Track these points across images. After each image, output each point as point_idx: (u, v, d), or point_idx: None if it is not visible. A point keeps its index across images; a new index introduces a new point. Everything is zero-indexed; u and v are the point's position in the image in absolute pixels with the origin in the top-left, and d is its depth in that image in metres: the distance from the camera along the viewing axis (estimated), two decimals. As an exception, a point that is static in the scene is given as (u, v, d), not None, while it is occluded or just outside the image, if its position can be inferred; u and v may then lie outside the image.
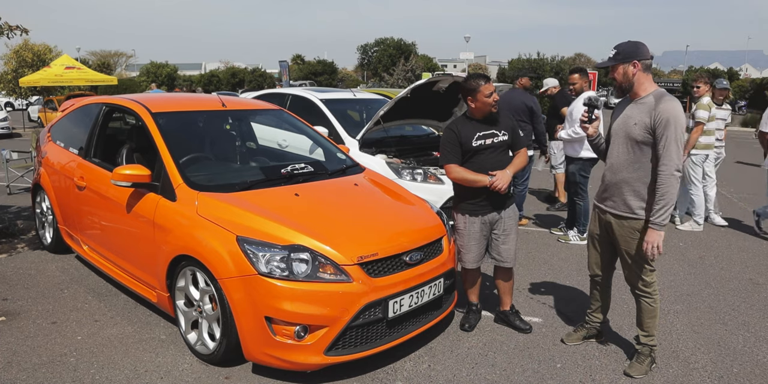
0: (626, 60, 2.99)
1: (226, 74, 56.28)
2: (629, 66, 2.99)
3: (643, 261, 3.10)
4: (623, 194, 3.08)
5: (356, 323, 2.96)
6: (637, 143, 3.00)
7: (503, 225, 3.60)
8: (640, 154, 3.01)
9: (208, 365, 3.21)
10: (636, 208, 3.04)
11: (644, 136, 2.96)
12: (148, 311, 3.94)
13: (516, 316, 3.79)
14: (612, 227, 3.18)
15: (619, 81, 3.05)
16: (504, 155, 3.59)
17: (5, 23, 5.52)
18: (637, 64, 2.99)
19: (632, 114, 3.03)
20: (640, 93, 3.03)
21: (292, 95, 7.15)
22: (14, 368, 3.16)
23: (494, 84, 7.23)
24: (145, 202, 3.61)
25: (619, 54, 3.01)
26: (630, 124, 3.02)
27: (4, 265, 4.89)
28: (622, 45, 3.05)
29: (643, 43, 3.04)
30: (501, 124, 3.58)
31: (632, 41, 3.05)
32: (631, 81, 3.02)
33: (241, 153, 4.76)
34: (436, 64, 60.83)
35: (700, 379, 3.17)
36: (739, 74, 48.48)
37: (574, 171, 5.78)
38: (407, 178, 5.62)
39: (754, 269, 5.14)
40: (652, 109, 2.93)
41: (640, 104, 3.02)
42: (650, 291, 3.15)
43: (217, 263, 3.00)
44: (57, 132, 5.19)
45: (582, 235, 5.85)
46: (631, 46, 3.01)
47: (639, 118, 2.98)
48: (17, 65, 21.80)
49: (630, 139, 3.02)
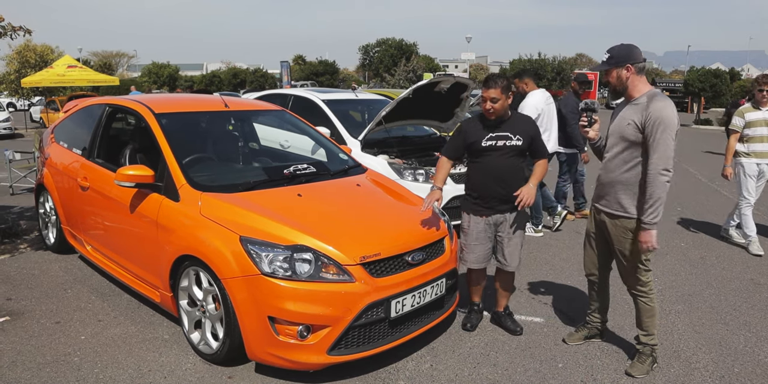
0: (619, 64, 3.05)
1: (227, 75, 56.29)
2: (623, 70, 3.04)
3: (637, 261, 3.12)
4: (616, 193, 3.11)
5: (359, 323, 2.97)
6: (630, 143, 3.03)
7: (507, 228, 3.59)
8: (632, 153, 3.04)
9: (211, 365, 3.23)
10: (628, 207, 3.07)
11: (636, 135, 3.00)
12: (151, 311, 3.96)
13: (509, 318, 3.79)
14: (606, 226, 3.21)
15: (614, 84, 3.12)
16: (515, 160, 3.52)
17: (8, 24, 5.54)
18: (630, 68, 3.04)
19: (626, 115, 3.08)
20: (635, 94, 3.08)
21: (294, 96, 7.16)
22: (19, 367, 3.18)
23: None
24: (149, 203, 3.63)
25: (612, 58, 3.07)
26: (623, 124, 3.07)
27: (8, 266, 4.91)
28: (615, 49, 3.10)
29: (636, 46, 3.11)
30: (517, 129, 3.50)
31: (625, 45, 3.11)
32: (624, 84, 3.08)
33: (244, 153, 4.78)
34: (437, 65, 60.80)
35: (701, 379, 3.18)
36: (741, 74, 48.40)
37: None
38: (409, 178, 5.63)
39: (756, 269, 5.15)
40: (644, 108, 2.98)
41: (634, 105, 3.06)
42: (646, 290, 3.17)
43: (220, 263, 3.02)
44: (60, 132, 5.21)
45: (537, 228, 6.20)
46: (624, 50, 3.06)
47: (632, 118, 3.02)
48: (19, 66, 21.86)
49: (623, 139, 3.06)
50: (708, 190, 9.19)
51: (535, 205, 6.11)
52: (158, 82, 50.07)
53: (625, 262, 3.18)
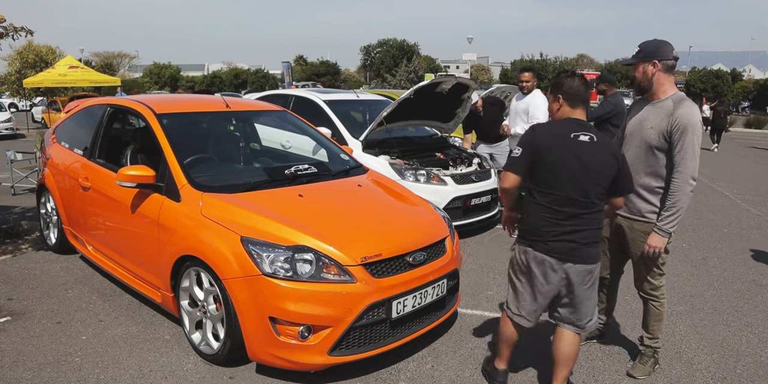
0: (647, 59, 2.94)
1: (228, 75, 56.37)
2: (649, 65, 2.94)
3: (653, 265, 3.07)
4: (634, 198, 3.03)
5: (360, 323, 2.96)
6: (651, 148, 2.94)
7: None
8: (653, 158, 2.95)
9: (212, 365, 3.23)
10: (646, 212, 3.01)
11: (660, 141, 2.90)
12: (152, 311, 3.96)
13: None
14: (623, 230, 3.15)
15: (639, 79, 3.00)
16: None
17: (10, 24, 5.55)
18: (657, 64, 2.92)
19: (648, 117, 2.98)
20: (659, 95, 2.98)
21: (295, 96, 7.17)
22: (20, 368, 3.18)
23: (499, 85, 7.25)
24: (150, 203, 3.63)
25: (641, 52, 2.96)
26: (646, 127, 2.96)
27: (9, 266, 4.91)
28: (645, 43, 2.99)
29: (667, 42, 2.98)
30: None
31: (656, 40, 2.99)
32: (650, 81, 2.96)
33: (245, 154, 4.78)
34: (438, 65, 60.88)
35: (703, 380, 3.18)
36: (743, 75, 48.36)
37: None
38: (410, 179, 5.63)
39: (758, 271, 5.14)
40: (670, 113, 2.87)
41: (657, 107, 2.96)
42: (658, 295, 3.15)
43: (221, 264, 3.02)
44: (62, 133, 5.21)
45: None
46: (653, 45, 2.95)
47: (655, 122, 2.92)
48: (21, 66, 21.90)
49: (644, 143, 2.96)
50: (708, 190, 9.18)
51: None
52: (159, 83, 50.15)
53: (642, 266, 3.12)
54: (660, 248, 2.92)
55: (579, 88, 2.70)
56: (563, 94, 2.72)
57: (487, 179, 6.15)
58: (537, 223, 2.69)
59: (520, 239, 2.80)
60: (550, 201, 2.65)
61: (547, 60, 34.54)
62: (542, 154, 2.63)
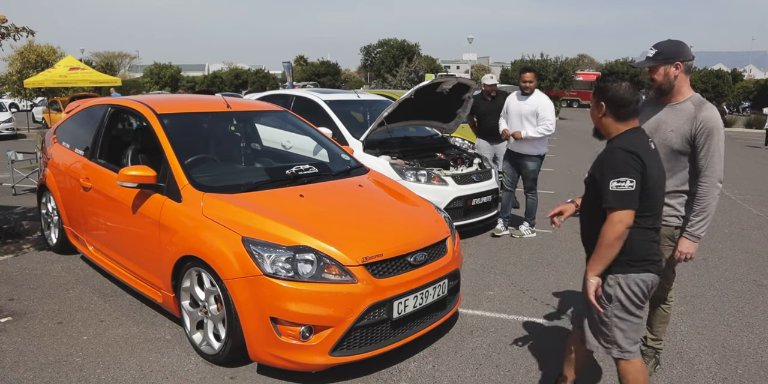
0: (668, 61, 2.79)
1: (229, 75, 56.33)
2: (671, 67, 2.80)
3: (669, 268, 3.04)
4: None
5: (361, 324, 2.96)
6: (673, 151, 2.85)
7: None
8: (674, 162, 2.86)
9: (213, 365, 3.23)
10: (666, 215, 2.92)
11: (683, 145, 2.82)
12: (153, 311, 3.96)
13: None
14: None
15: (659, 82, 2.84)
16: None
17: (12, 25, 5.55)
18: (679, 66, 2.80)
19: (667, 120, 2.88)
20: (678, 97, 2.86)
21: (296, 96, 7.17)
22: (21, 368, 3.18)
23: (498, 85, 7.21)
24: (151, 203, 3.63)
25: (660, 54, 2.81)
26: (665, 130, 2.87)
27: (10, 266, 4.91)
28: (663, 44, 2.84)
29: (685, 43, 2.86)
30: None
31: (673, 40, 2.86)
32: (672, 83, 2.82)
33: (246, 154, 4.78)
34: (439, 66, 60.88)
35: (704, 380, 3.17)
36: (743, 75, 48.34)
37: (535, 168, 6.01)
38: (411, 179, 5.63)
39: (759, 271, 5.13)
40: (692, 116, 2.79)
41: (676, 110, 2.86)
42: (667, 297, 3.14)
43: (222, 264, 3.02)
44: (62, 133, 5.22)
45: (533, 228, 6.18)
46: (673, 46, 2.82)
47: (676, 126, 2.83)
48: (22, 66, 21.90)
49: (664, 146, 2.84)
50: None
51: (536, 205, 6.13)
52: (160, 83, 50.12)
53: None
54: (692, 254, 2.86)
55: (625, 96, 2.36)
56: (607, 102, 2.40)
57: (488, 179, 6.15)
58: (644, 247, 2.40)
59: (624, 269, 2.40)
60: (652, 222, 2.41)
61: (547, 60, 34.47)
62: (647, 177, 2.33)
